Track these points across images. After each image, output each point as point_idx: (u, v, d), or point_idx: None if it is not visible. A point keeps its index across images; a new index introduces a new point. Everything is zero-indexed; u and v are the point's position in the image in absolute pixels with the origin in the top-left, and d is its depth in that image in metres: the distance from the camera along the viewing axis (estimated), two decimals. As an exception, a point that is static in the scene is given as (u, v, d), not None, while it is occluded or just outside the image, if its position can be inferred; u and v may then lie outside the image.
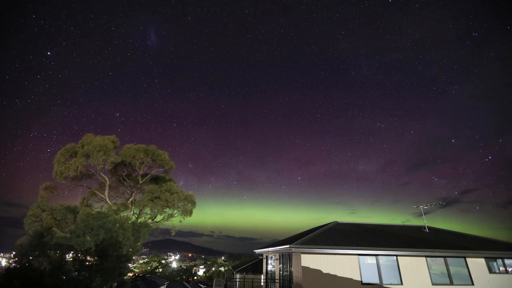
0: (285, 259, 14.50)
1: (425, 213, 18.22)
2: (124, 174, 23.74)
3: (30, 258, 15.58)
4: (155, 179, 24.27)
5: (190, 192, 22.90)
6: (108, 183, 22.33)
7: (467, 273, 13.20)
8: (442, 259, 13.38)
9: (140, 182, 23.25)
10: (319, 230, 15.50)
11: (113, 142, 21.49)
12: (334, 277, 12.12)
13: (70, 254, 15.48)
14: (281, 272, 14.98)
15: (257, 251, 20.13)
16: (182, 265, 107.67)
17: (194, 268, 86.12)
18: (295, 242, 12.70)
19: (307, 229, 19.56)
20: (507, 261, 13.88)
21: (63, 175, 20.23)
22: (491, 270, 13.45)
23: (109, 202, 22.00)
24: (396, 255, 13.04)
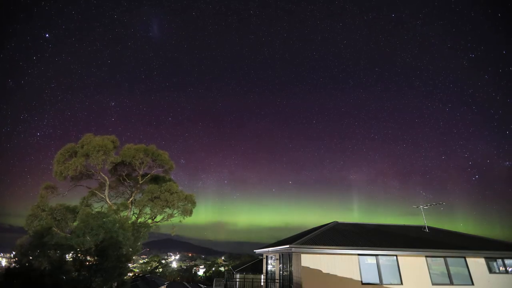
0: (285, 259, 14.49)
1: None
2: (124, 174, 23.75)
3: (30, 258, 15.55)
4: (155, 179, 24.28)
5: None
6: (108, 183, 22.33)
7: (467, 273, 13.20)
8: (442, 259, 13.38)
9: (140, 182, 23.25)
10: (319, 230, 15.49)
11: (112, 142, 21.51)
12: (334, 277, 12.12)
13: (70, 254, 15.47)
14: (281, 272, 14.97)
15: (257, 251, 20.11)
16: (182, 265, 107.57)
17: (194, 268, 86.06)
18: (295, 242, 12.69)
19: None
20: (507, 261, 13.88)
21: (63, 175, 20.24)
22: (491, 270, 13.44)
23: (109, 202, 22.00)
24: (396, 255, 13.03)
